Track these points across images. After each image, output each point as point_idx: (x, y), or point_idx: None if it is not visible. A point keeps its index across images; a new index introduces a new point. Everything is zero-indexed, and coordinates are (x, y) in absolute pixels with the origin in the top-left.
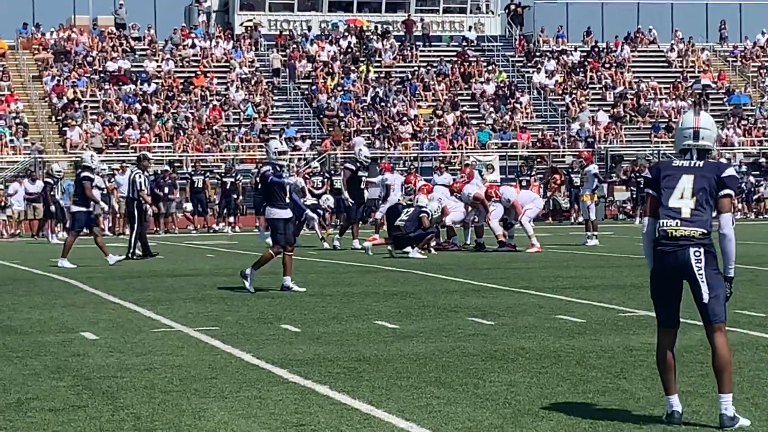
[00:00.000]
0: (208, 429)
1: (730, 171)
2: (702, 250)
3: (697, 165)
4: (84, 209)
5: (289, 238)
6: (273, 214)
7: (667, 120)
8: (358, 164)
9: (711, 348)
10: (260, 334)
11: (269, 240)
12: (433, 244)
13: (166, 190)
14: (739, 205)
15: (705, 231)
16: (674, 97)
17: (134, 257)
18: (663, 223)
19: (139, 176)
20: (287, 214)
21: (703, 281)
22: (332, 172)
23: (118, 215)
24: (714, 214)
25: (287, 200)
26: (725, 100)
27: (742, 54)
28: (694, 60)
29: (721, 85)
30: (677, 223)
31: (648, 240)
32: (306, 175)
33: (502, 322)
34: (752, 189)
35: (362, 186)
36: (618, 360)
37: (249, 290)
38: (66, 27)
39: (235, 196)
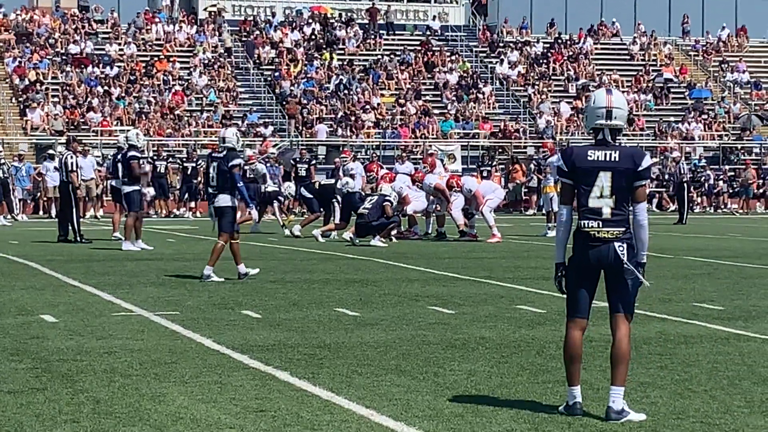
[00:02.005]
0: (167, 413)
1: (646, 161)
2: (625, 245)
3: (613, 158)
4: (135, 188)
5: (236, 226)
6: (225, 201)
7: (628, 113)
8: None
9: (612, 338)
10: (221, 319)
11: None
12: (394, 232)
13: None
14: (698, 199)
15: (625, 228)
16: (636, 90)
17: (83, 240)
18: (584, 224)
19: (71, 157)
20: (235, 202)
21: (623, 278)
22: (297, 159)
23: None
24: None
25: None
26: (686, 94)
27: (704, 48)
28: (656, 53)
29: (683, 79)
30: (598, 224)
31: (566, 230)
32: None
33: (463, 312)
34: (712, 183)
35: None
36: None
37: (219, 280)
38: (28, 8)
39: (196, 181)
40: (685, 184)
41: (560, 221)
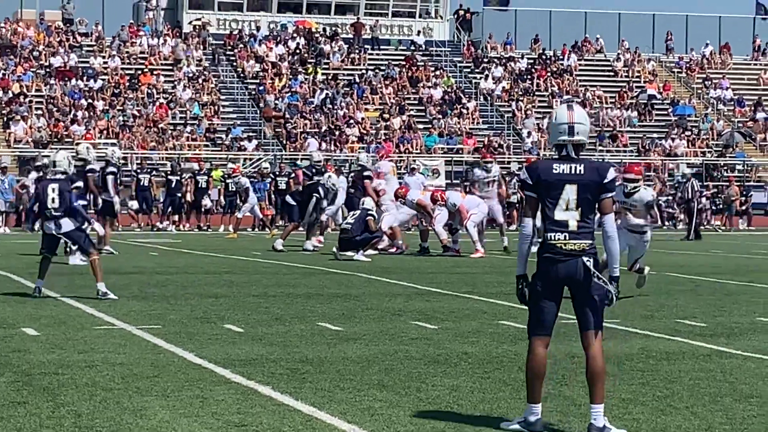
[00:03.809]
0: (149, 428)
1: (611, 174)
2: (591, 259)
3: (578, 171)
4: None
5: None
6: (69, 226)
7: (611, 129)
8: (314, 170)
9: (586, 355)
10: (203, 333)
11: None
12: (380, 247)
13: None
14: (681, 216)
15: (591, 241)
16: (620, 106)
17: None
18: (551, 236)
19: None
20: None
21: (592, 294)
22: (277, 173)
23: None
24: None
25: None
26: (670, 110)
27: (688, 65)
28: (639, 70)
29: (666, 96)
30: (565, 236)
31: (529, 243)
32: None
33: (446, 327)
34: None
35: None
36: (560, 366)
37: (113, 297)
38: (12, 21)
39: (179, 195)
40: (695, 201)
41: (524, 234)
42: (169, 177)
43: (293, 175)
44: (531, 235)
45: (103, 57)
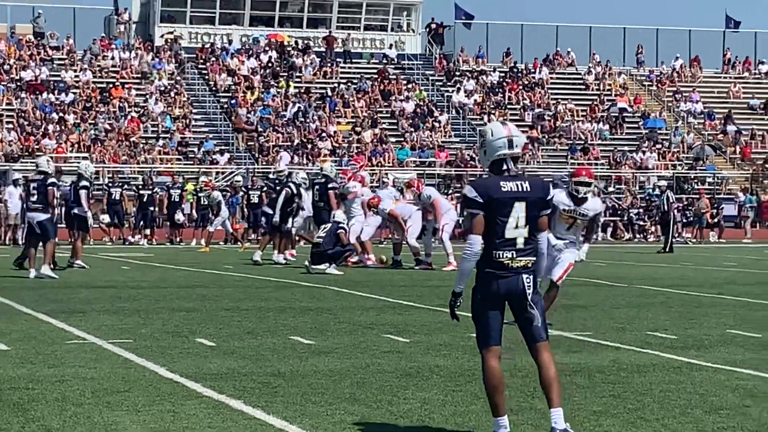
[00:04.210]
0: None
1: (552, 191)
2: (531, 276)
3: (525, 188)
4: (48, 216)
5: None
6: (41, 216)
7: (583, 142)
8: (277, 181)
9: (538, 366)
10: (174, 347)
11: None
12: (354, 260)
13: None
14: (652, 228)
15: (536, 258)
16: (591, 119)
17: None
18: (499, 254)
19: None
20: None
21: (533, 306)
22: (249, 186)
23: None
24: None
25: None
26: (641, 123)
27: (658, 78)
28: (610, 83)
29: (637, 109)
30: (513, 254)
31: (474, 261)
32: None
33: (418, 340)
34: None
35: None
36: (532, 379)
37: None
38: None
39: (152, 209)
40: (672, 214)
41: (472, 252)
42: (141, 191)
43: (265, 189)
44: (479, 254)
45: (75, 71)
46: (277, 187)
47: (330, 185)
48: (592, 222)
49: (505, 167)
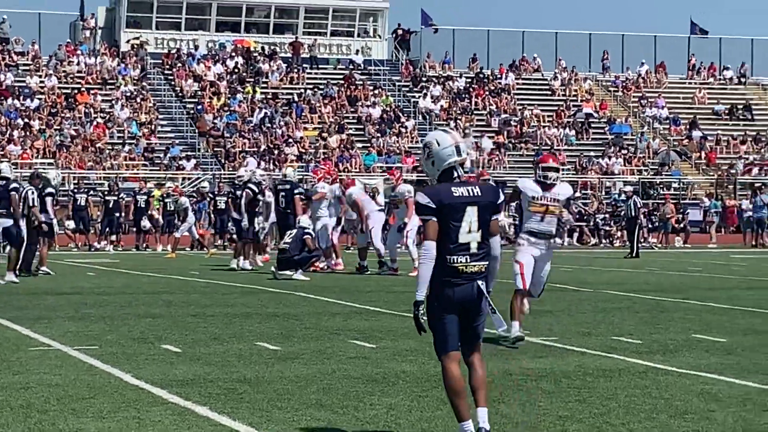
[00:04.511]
0: None
1: (501, 195)
2: (483, 282)
3: (476, 193)
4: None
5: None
6: (6, 222)
7: (549, 147)
8: (258, 187)
9: (470, 368)
10: (140, 354)
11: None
12: (322, 265)
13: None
14: (618, 233)
15: (488, 263)
16: (557, 124)
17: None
18: (453, 259)
19: (32, 192)
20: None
21: (482, 312)
22: (215, 192)
23: None
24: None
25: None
26: (607, 129)
27: (624, 84)
28: (576, 89)
29: (603, 115)
30: (467, 259)
31: (431, 267)
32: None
33: (384, 346)
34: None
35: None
36: (497, 384)
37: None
38: None
39: (117, 215)
40: (638, 220)
41: (428, 257)
42: (107, 197)
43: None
44: (434, 259)
45: (40, 76)
46: (238, 192)
47: (297, 191)
48: (565, 208)
49: (455, 174)
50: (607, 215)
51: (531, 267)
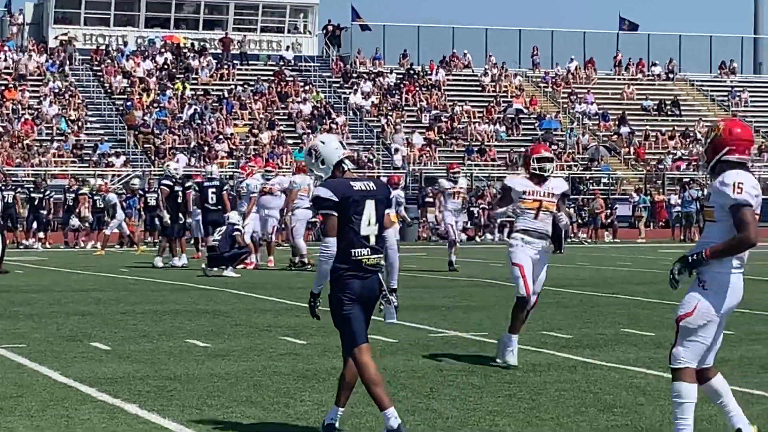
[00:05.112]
0: None
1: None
2: (381, 276)
3: (372, 188)
4: None
5: None
6: None
7: (480, 143)
8: (174, 180)
9: (359, 365)
10: (69, 352)
11: None
12: (252, 265)
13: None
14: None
15: (382, 255)
16: (487, 120)
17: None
18: (357, 252)
19: None
20: None
21: (381, 307)
22: (146, 189)
23: None
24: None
25: None
26: (537, 124)
27: (554, 80)
28: (507, 85)
29: (533, 110)
30: (368, 251)
31: (331, 263)
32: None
33: (315, 342)
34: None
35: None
36: (428, 380)
37: None
38: None
39: (45, 212)
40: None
41: (329, 253)
42: (32, 194)
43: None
44: (334, 255)
45: None
46: (152, 190)
47: (225, 187)
48: (560, 202)
49: (345, 168)
50: None
51: (531, 269)
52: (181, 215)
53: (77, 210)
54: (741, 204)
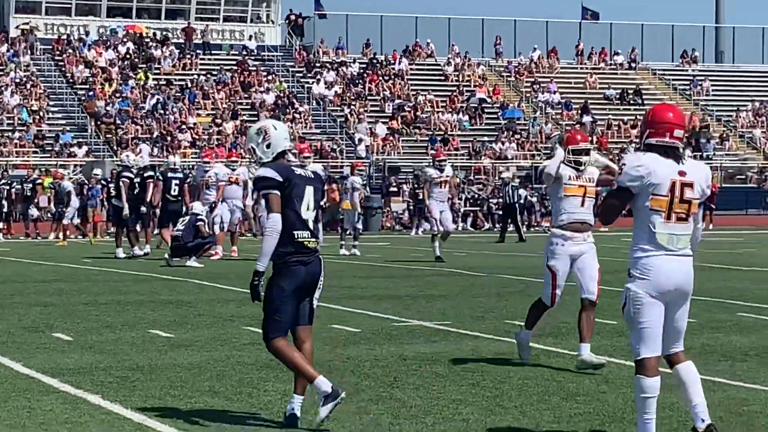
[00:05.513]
0: None
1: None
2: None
3: (310, 175)
4: None
5: None
6: None
7: (443, 132)
8: (134, 171)
9: (301, 342)
10: (31, 342)
11: None
12: (218, 256)
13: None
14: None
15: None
16: (451, 110)
17: None
18: (298, 234)
19: None
20: None
21: (320, 286)
22: (108, 180)
23: None
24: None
25: None
26: (500, 114)
27: (516, 69)
28: (470, 74)
29: (496, 100)
30: (308, 234)
31: (276, 239)
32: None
33: None
34: (526, 201)
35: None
36: (392, 369)
37: None
38: None
39: (6, 203)
40: (516, 206)
41: (276, 227)
42: None
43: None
44: (280, 231)
45: None
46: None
47: (187, 180)
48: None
49: (286, 160)
50: (500, 200)
51: (566, 273)
52: (140, 205)
53: (35, 200)
54: (619, 186)
